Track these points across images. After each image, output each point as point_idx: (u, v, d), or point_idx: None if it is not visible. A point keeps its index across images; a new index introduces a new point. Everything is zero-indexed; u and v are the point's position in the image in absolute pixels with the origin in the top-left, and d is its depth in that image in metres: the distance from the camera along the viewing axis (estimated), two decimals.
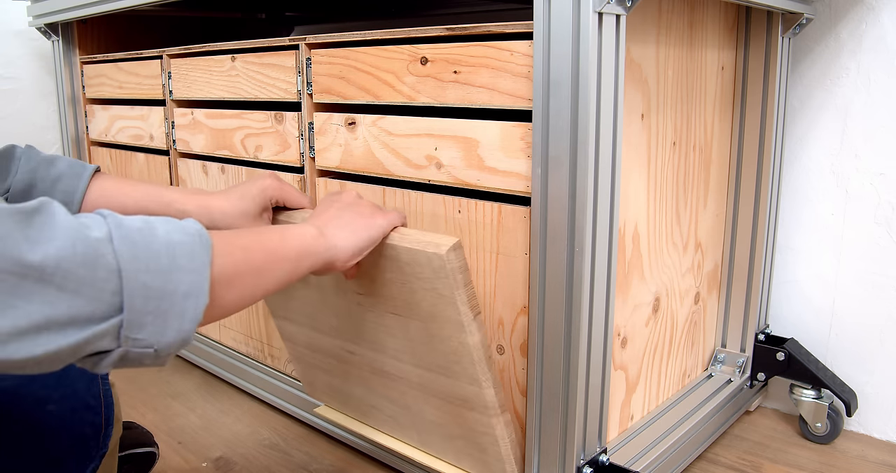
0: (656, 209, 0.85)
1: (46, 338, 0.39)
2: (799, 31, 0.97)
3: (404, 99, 0.81)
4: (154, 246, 0.44)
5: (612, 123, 0.69)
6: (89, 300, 0.40)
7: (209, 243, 0.48)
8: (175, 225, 0.47)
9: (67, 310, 0.39)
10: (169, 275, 0.44)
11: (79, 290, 0.39)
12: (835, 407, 1.02)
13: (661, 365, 0.94)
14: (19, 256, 0.37)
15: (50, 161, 0.75)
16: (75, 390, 0.68)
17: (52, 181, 0.73)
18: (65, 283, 0.39)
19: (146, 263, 0.43)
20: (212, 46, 1.08)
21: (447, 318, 0.70)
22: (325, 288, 0.83)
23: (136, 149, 1.34)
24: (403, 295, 0.73)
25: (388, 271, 0.73)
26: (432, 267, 0.68)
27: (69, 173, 0.74)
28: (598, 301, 0.72)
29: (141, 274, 0.42)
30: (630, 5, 0.66)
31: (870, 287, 1.04)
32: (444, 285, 0.68)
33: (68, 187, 0.74)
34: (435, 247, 0.67)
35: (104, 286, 0.40)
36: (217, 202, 0.77)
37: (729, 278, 1.05)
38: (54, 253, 0.38)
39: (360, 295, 0.79)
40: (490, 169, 0.74)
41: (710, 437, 0.98)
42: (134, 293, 0.42)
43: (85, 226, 0.42)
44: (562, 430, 0.74)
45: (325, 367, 0.93)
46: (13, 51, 1.56)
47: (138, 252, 0.43)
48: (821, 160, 1.06)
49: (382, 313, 0.78)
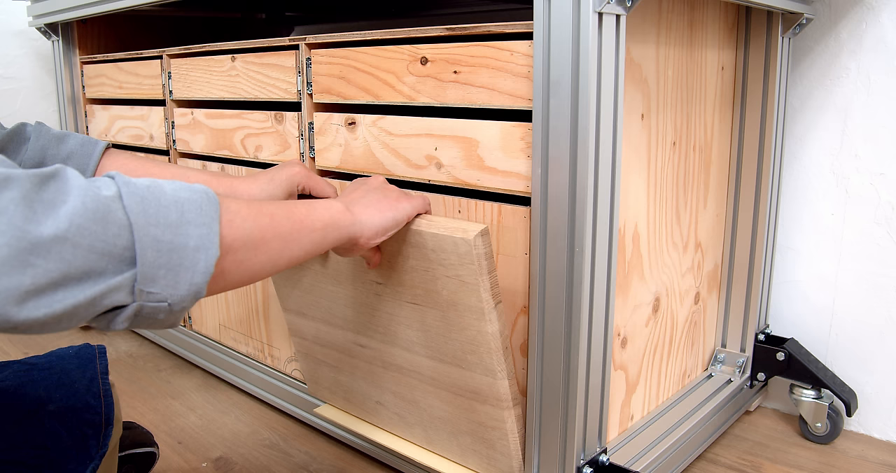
0: (656, 209, 0.85)
1: (63, 294, 0.40)
2: (799, 31, 0.97)
3: (404, 99, 0.81)
4: (163, 201, 0.45)
5: (612, 123, 0.69)
6: (102, 254, 0.41)
7: (216, 200, 0.49)
8: (182, 184, 0.48)
9: (82, 265, 0.40)
10: (178, 229, 0.45)
11: (92, 246, 0.41)
12: (835, 407, 1.02)
13: (661, 365, 0.94)
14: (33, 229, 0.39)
15: (60, 138, 0.75)
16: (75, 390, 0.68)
17: (63, 159, 0.73)
18: (79, 240, 0.40)
19: (156, 217, 0.44)
20: (212, 46, 1.08)
21: (468, 306, 0.71)
22: (343, 279, 0.84)
23: (136, 149, 1.34)
24: (425, 284, 0.74)
25: (412, 258, 0.74)
26: (458, 253, 0.69)
27: (80, 152, 0.75)
28: (598, 301, 0.72)
29: (151, 228, 0.43)
30: (630, 5, 0.66)
31: (870, 287, 1.04)
32: (469, 271, 0.69)
33: (79, 165, 0.74)
34: (462, 233, 0.68)
35: (116, 241, 0.42)
36: (244, 186, 0.77)
37: (729, 278, 1.05)
38: (68, 213, 0.40)
39: (379, 284, 0.79)
40: (490, 169, 0.74)
41: (710, 437, 0.98)
42: (146, 246, 0.43)
43: (95, 186, 0.43)
44: (562, 430, 0.74)
45: (332, 363, 0.93)
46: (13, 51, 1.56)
47: (148, 207, 0.44)
48: (821, 160, 1.06)
49: (400, 303, 0.78)
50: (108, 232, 0.41)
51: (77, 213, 0.40)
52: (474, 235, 0.67)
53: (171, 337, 1.38)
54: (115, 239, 0.42)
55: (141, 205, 0.43)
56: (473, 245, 0.67)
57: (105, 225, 0.41)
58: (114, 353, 1.42)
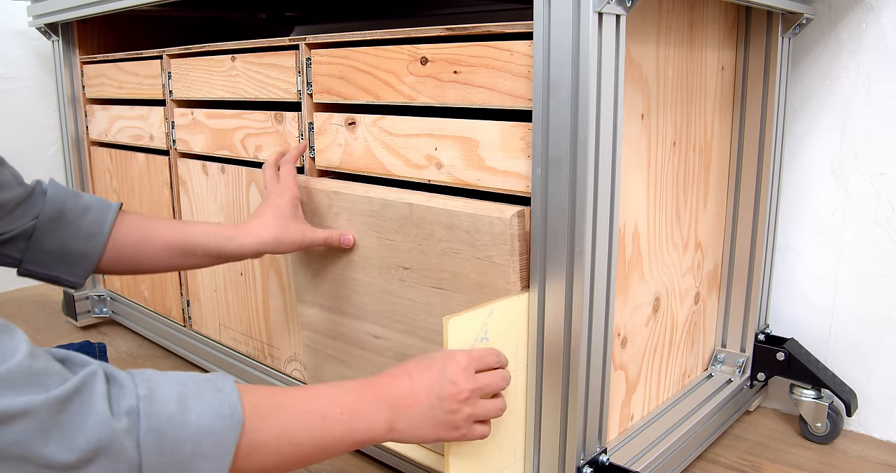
0: (656, 209, 0.85)
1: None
2: (799, 31, 0.97)
3: (404, 99, 0.81)
4: (181, 436, 0.45)
5: (612, 123, 0.69)
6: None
7: (239, 429, 0.48)
8: (212, 404, 0.47)
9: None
10: (189, 463, 0.45)
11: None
12: (835, 407, 1.02)
13: (661, 365, 0.94)
14: (48, 456, 0.41)
15: (77, 194, 0.79)
16: None
17: (82, 210, 0.77)
18: (89, 469, 0.42)
19: (169, 455, 0.44)
20: (212, 46, 1.08)
21: (495, 289, 0.72)
22: (368, 266, 0.85)
23: (136, 149, 1.34)
24: (453, 267, 0.76)
25: (445, 240, 0.75)
26: (492, 233, 0.70)
27: (97, 204, 0.78)
28: (598, 301, 0.72)
29: (162, 465, 0.44)
30: (630, 5, 0.66)
31: (870, 287, 1.04)
32: (501, 252, 0.70)
33: (97, 217, 0.77)
34: (499, 213, 0.70)
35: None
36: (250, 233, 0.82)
37: (729, 278, 1.05)
38: (81, 446, 0.41)
39: (405, 269, 0.80)
40: (490, 169, 0.74)
41: (710, 437, 0.98)
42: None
43: (113, 416, 0.43)
44: (562, 430, 0.74)
45: (341, 357, 0.93)
46: (13, 51, 1.56)
47: (163, 444, 0.44)
48: (821, 160, 1.06)
49: (425, 289, 0.79)
50: (116, 468, 0.42)
51: (91, 448, 0.41)
52: (511, 215, 0.69)
53: (171, 336, 1.38)
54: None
55: (156, 443, 0.44)
56: (509, 224, 0.69)
57: (115, 462, 0.42)
58: (114, 352, 1.42)
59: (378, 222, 0.83)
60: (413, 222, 0.79)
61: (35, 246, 0.74)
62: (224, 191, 1.13)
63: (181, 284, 1.31)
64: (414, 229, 0.79)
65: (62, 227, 0.76)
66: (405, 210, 0.79)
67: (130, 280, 1.47)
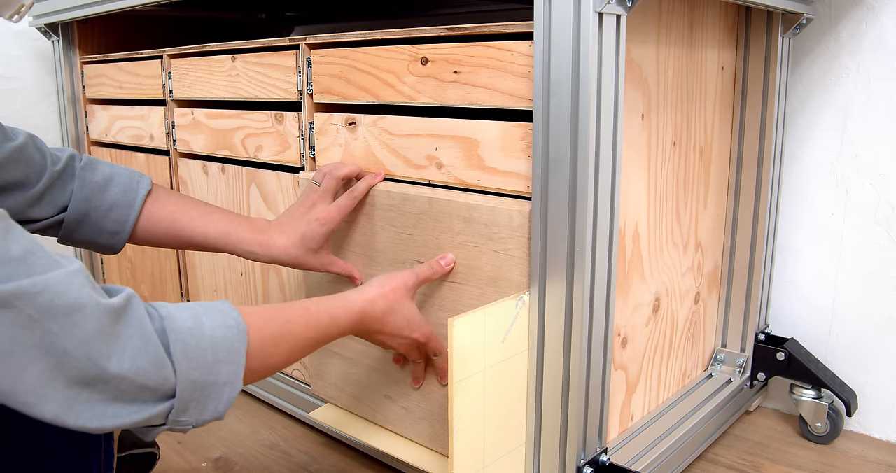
0: (656, 209, 0.85)
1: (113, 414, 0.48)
2: (799, 31, 0.97)
3: (404, 99, 0.81)
4: (202, 344, 0.52)
5: (613, 123, 0.69)
6: (150, 391, 0.49)
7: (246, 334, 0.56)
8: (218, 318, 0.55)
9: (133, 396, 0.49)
10: (212, 368, 0.53)
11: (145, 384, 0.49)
12: (835, 407, 1.02)
13: (662, 365, 0.94)
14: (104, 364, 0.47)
15: (103, 187, 0.80)
16: None
17: (105, 210, 0.80)
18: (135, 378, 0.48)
19: (196, 361, 0.51)
20: (212, 46, 1.08)
21: (509, 282, 0.73)
22: (383, 260, 0.86)
23: (137, 149, 1.34)
24: (469, 260, 0.77)
25: (462, 234, 0.77)
26: (511, 226, 0.72)
27: (122, 202, 0.80)
28: (599, 301, 0.72)
29: (192, 371, 0.51)
30: (630, 5, 0.66)
31: (870, 287, 1.04)
32: (518, 245, 0.72)
33: (120, 216, 0.80)
34: (519, 206, 0.71)
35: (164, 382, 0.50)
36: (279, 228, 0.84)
37: (729, 278, 1.05)
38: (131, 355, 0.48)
39: (420, 263, 0.81)
40: (490, 169, 0.74)
41: (710, 437, 0.98)
42: (184, 387, 0.51)
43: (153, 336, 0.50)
44: (562, 430, 0.74)
45: (348, 355, 0.93)
46: (13, 51, 1.56)
47: (189, 352, 0.51)
48: (821, 160, 1.06)
49: (438, 283, 0.81)
50: (159, 375, 0.49)
51: (139, 356, 0.48)
52: (529, 209, 0.70)
53: None
54: (163, 381, 0.50)
55: (184, 352, 0.51)
56: (528, 217, 0.70)
57: (158, 369, 0.49)
58: None
59: (396, 216, 0.83)
60: (432, 216, 0.79)
61: (65, 237, 0.80)
62: (224, 190, 1.13)
63: (181, 283, 1.31)
64: (432, 223, 0.80)
65: (85, 228, 0.80)
66: (425, 204, 0.80)
67: (131, 279, 1.47)
